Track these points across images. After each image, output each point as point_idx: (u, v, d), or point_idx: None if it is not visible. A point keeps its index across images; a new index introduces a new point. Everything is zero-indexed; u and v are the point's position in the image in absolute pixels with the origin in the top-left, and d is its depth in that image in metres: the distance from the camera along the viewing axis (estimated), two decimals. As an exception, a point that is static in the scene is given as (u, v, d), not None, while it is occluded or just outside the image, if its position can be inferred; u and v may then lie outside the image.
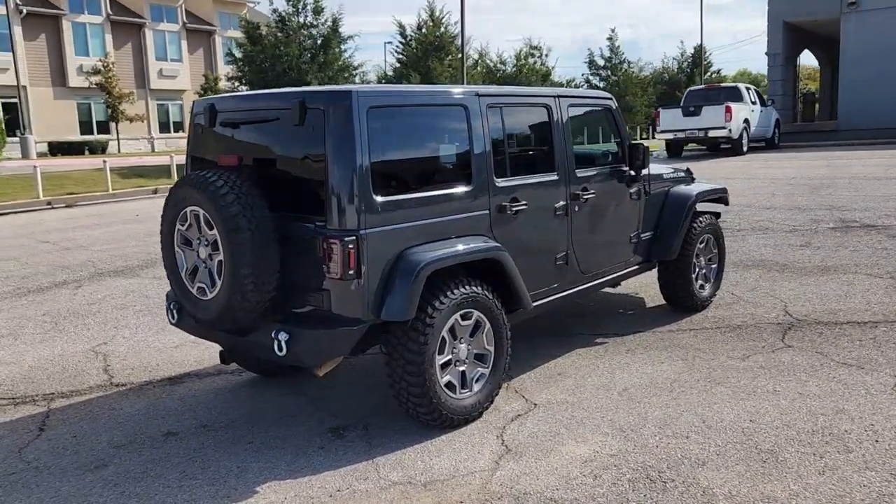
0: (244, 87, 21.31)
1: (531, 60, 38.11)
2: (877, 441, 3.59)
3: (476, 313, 4.01)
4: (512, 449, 3.69)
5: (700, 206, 6.30)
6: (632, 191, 5.36)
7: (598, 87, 44.53)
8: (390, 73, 28.89)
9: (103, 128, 40.67)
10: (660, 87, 45.93)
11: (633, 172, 5.31)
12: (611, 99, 5.32)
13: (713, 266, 6.26)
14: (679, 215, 5.73)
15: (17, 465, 3.76)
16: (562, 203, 4.67)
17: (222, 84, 27.58)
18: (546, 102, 4.65)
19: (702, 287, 6.11)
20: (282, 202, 3.75)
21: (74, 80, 39.35)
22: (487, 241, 4.09)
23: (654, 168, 5.86)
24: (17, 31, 36.76)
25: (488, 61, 36.37)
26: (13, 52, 30.21)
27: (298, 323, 3.64)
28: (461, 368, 4.03)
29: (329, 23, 20.74)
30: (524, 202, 4.36)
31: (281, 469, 3.58)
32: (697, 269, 6.06)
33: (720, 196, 6.35)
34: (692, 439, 3.71)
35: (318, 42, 21.08)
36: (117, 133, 37.96)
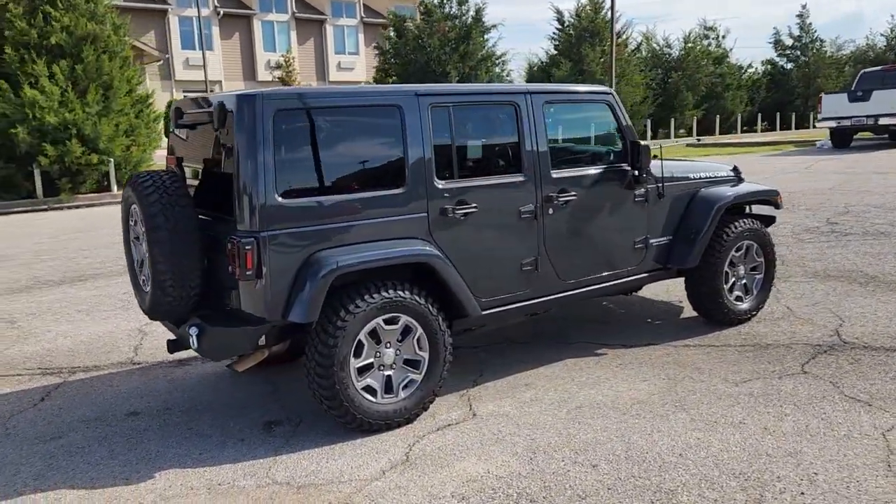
0: (391, 80, 22.05)
1: (705, 42, 35.83)
2: (801, 493, 3.10)
3: (404, 318, 3.94)
4: (411, 460, 3.60)
5: (754, 210, 5.75)
6: (636, 192, 4.96)
7: (783, 70, 41.04)
8: (545, 61, 28.45)
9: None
10: (860, 68, 41.37)
11: (636, 173, 4.91)
12: (609, 94, 4.93)
13: (757, 276, 5.64)
14: (702, 220, 5.22)
15: (22, 436, 4.24)
16: (530, 206, 4.43)
17: (355, 76, 28.55)
18: (512, 100, 4.41)
19: (738, 299, 5.53)
20: (211, 203, 3.91)
21: (262, 75, 42.58)
22: (422, 244, 4.00)
23: (680, 168, 5.38)
24: (215, 31, 40.49)
25: (654, 45, 34.74)
26: (202, 51, 33.27)
27: (210, 319, 3.79)
28: (387, 373, 3.98)
29: (472, 13, 20.89)
30: (474, 205, 4.19)
31: (192, 458, 3.76)
32: (733, 280, 5.49)
33: (767, 199, 5.70)
34: (598, 469, 3.41)
35: (461, 33, 21.26)
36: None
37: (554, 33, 29.42)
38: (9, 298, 7.77)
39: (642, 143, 4.79)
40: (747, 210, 5.87)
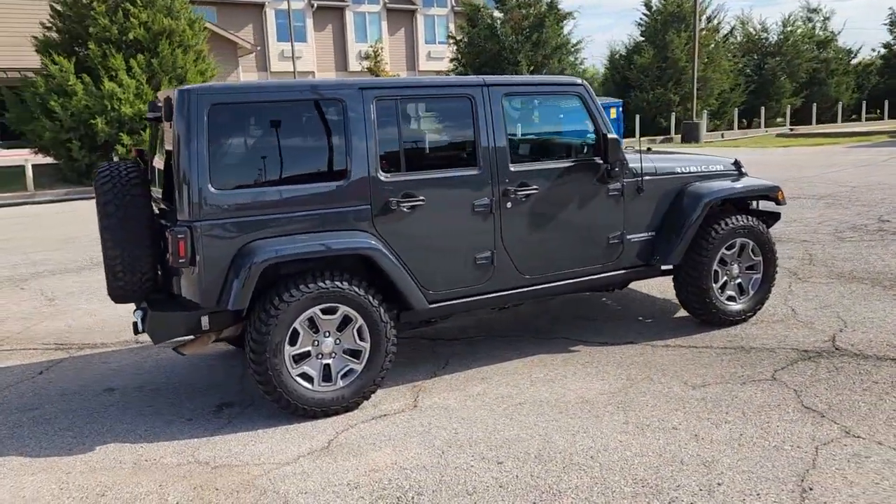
0: (463, 70, 22.09)
1: (808, 25, 33.75)
2: (691, 503, 2.97)
3: (343, 308, 4.02)
4: (330, 448, 3.69)
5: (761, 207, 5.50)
6: (610, 187, 4.82)
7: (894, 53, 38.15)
8: (629, 46, 27.57)
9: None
10: None
11: (609, 167, 4.78)
12: (580, 85, 4.80)
13: (754, 276, 5.37)
14: (686, 216, 5.02)
15: (8, 409, 4.63)
16: (485, 200, 4.40)
17: (444, 66, 28.57)
18: (467, 93, 4.38)
19: (731, 299, 5.29)
20: (167, 193, 4.11)
21: (353, 65, 43.46)
22: (362, 236, 4.06)
23: (666, 162, 5.19)
24: (309, 23, 41.66)
25: (750, 29, 32.97)
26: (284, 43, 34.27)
27: (155, 304, 3.99)
28: (326, 361, 4.07)
29: (547, 0, 20.45)
30: (421, 198, 4.21)
31: (136, 434, 3.98)
32: (725, 279, 5.26)
33: (766, 195, 5.41)
34: (502, 466, 3.39)
35: (534, 21, 20.95)
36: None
37: (641, 19, 28.57)
38: (60, 277, 8.37)
39: (612, 135, 4.65)
40: (754, 206, 5.60)
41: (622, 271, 5.01)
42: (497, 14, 21.11)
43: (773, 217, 5.60)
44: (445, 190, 4.32)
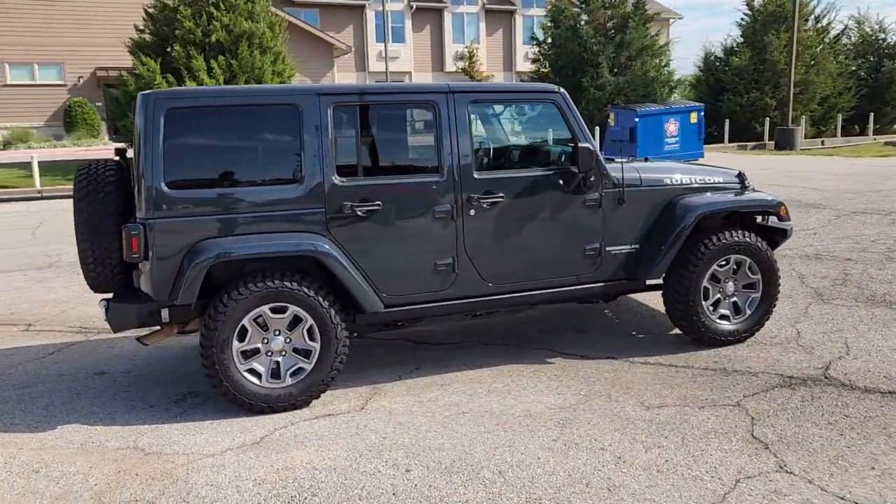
0: (546, 72, 21.78)
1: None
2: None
3: (292, 308, 4.12)
4: (260, 443, 3.79)
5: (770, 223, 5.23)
6: (587, 197, 4.70)
7: None
8: (725, 47, 26.35)
9: (471, 108, 44.67)
10: None
11: (594, 177, 4.66)
12: (557, 93, 4.69)
13: (752, 295, 5.09)
14: (670, 229, 4.82)
15: (3, 385, 5.02)
16: (446, 206, 4.39)
17: (527, 66, 28.21)
18: (431, 100, 4.38)
19: (724, 318, 5.04)
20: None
21: (450, 66, 43.82)
22: (313, 238, 4.14)
23: (654, 172, 5.01)
24: (408, 24, 42.34)
25: (867, 29, 30.74)
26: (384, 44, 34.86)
27: (118, 296, 4.22)
28: (276, 359, 4.19)
29: (632, 1, 19.84)
30: (378, 203, 4.25)
31: (97, 417, 4.23)
32: (717, 297, 5.02)
33: (765, 211, 5.12)
34: (408, 474, 3.39)
35: (618, 22, 20.37)
36: (477, 113, 41.42)
37: (742, 19, 27.33)
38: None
39: (584, 145, 4.52)
40: (762, 222, 5.32)
41: (601, 284, 4.87)
42: (580, 14, 20.72)
43: (781, 235, 5.29)
44: (404, 196, 4.34)
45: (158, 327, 4.31)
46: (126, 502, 3.23)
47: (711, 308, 5.02)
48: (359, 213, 4.22)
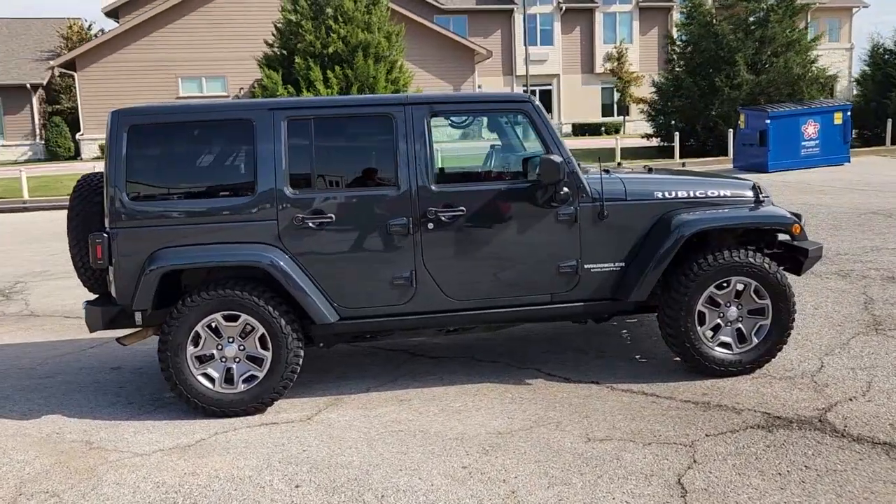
0: (679, 69, 20.51)
1: None
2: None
3: (244, 316, 4.25)
4: (191, 447, 3.93)
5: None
6: (560, 211, 4.45)
7: None
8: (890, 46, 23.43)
9: (624, 110, 43.47)
10: None
11: (566, 190, 4.41)
12: (527, 102, 4.45)
13: (760, 322, 4.58)
14: (656, 247, 4.45)
15: (33, 372, 5.56)
16: (402, 220, 4.33)
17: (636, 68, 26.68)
18: (387, 112, 4.33)
19: (724, 346, 4.58)
20: None
21: (600, 67, 42.84)
22: (265, 249, 4.23)
23: (643, 185, 4.65)
24: (557, 26, 41.87)
25: None
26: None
27: (97, 298, 4.55)
28: (229, 365, 4.33)
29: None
30: (330, 215, 4.28)
31: (81, 409, 4.56)
32: (717, 322, 4.57)
33: (776, 228, 4.58)
34: (296, 489, 3.38)
35: (760, 16, 18.76)
36: (624, 115, 40.24)
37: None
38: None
39: (548, 156, 4.27)
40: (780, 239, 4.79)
41: (580, 303, 4.58)
42: (715, 8, 19.38)
43: (804, 256, 4.70)
44: (357, 208, 4.33)
45: (135, 329, 4.59)
46: (39, 492, 3.48)
47: (709, 334, 4.57)
48: (311, 224, 4.27)
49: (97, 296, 4.68)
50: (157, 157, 4.32)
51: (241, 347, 4.32)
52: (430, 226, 4.35)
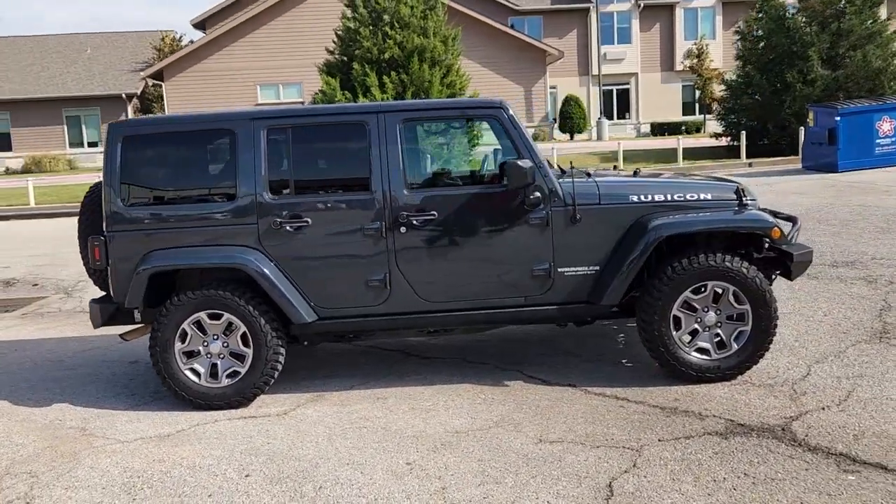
0: (750, 66, 19.65)
1: None
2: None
3: (227, 315, 4.51)
4: (170, 437, 4.21)
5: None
6: (532, 215, 4.50)
7: None
8: None
9: (705, 108, 42.23)
10: None
11: (537, 195, 4.47)
12: (498, 108, 4.51)
13: (740, 328, 4.50)
14: (629, 251, 4.44)
15: (61, 364, 6.02)
16: (376, 224, 4.48)
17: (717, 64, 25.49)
18: (360, 120, 4.49)
19: (702, 352, 4.52)
20: None
21: (679, 64, 41.75)
22: (246, 252, 4.48)
23: (619, 189, 4.63)
24: (635, 24, 41.06)
25: None
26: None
27: (99, 297, 4.91)
28: (214, 361, 4.59)
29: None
30: (307, 219, 4.48)
31: (86, 399, 4.92)
32: (694, 328, 4.52)
33: (755, 232, 4.48)
34: (244, 480, 3.59)
35: (836, 9, 17.76)
36: (705, 114, 39.07)
37: None
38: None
39: (518, 161, 4.32)
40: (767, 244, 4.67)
41: (554, 306, 4.62)
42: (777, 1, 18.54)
43: (790, 260, 4.57)
44: (333, 212, 4.52)
45: (136, 325, 4.93)
46: (23, 472, 3.83)
47: (685, 339, 4.52)
48: (288, 228, 4.48)
49: (104, 294, 5.05)
50: (148, 165, 4.64)
51: (225, 344, 4.58)
52: (403, 229, 4.49)
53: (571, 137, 33.41)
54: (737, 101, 20.18)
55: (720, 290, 4.47)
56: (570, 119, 33.50)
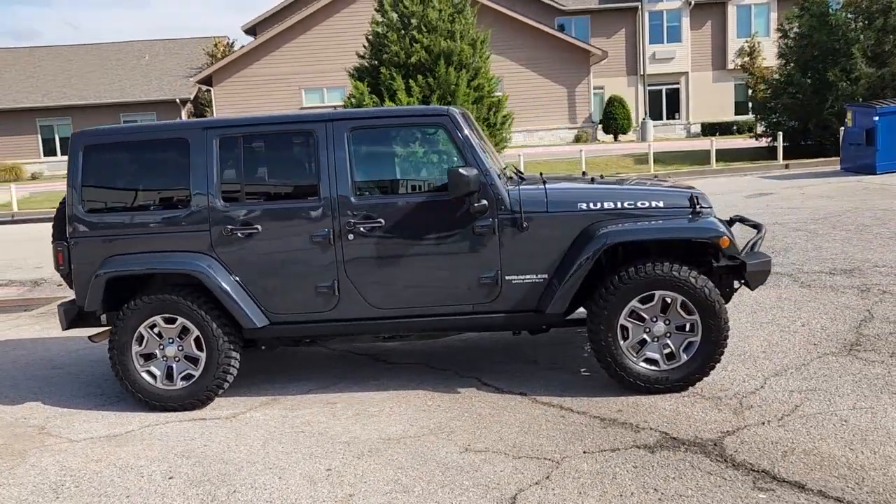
0: (791, 64, 18.96)
1: None
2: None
3: (181, 319, 4.64)
4: (118, 437, 4.35)
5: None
6: (478, 223, 4.49)
7: None
8: None
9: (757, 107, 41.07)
10: None
11: (483, 202, 4.46)
12: (445, 115, 4.50)
13: (690, 339, 4.40)
14: (574, 259, 4.39)
15: (51, 363, 6.27)
16: (324, 231, 4.54)
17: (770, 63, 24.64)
18: (309, 129, 4.56)
19: (651, 362, 4.44)
20: None
21: (732, 63, 40.71)
22: (198, 258, 4.59)
23: (566, 197, 4.58)
24: (685, 22, 40.21)
25: None
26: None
27: (68, 300, 5.09)
28: (170, 364, 4.73)
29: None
30: (257, 226, 4.57)
31: (60, 398, 5.11)
32: (643, 338, 4.44)
33: (703, 241, 4.37)
34: (167, 482, 3.69)
35: (882, 4, 16.96)
36: (756, 113, 37.96)
37: None
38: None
39: (460, 169, 4.31)
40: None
41: (502, 314, 4.60)
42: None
43: (744, 270, 4.45)
44: (282, 220, 4.60)
45: (104, 328, 5.10)
46: (-28, 469, 4.02)
47: (633, 349, 4.44)
48: (239, 235, 4.58)
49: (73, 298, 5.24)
50: (108, 173, 4.79)
51: (180, 348, 4.70)
52: (351, 237, 4.54)
53: (615, 139, 32.92)
54: (777, 100, 19.57)
55: (669, 300, 4.38)
56: (613, 120, 33.01)
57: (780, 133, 18.35)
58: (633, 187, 4.75)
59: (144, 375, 4.71)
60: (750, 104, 38.94)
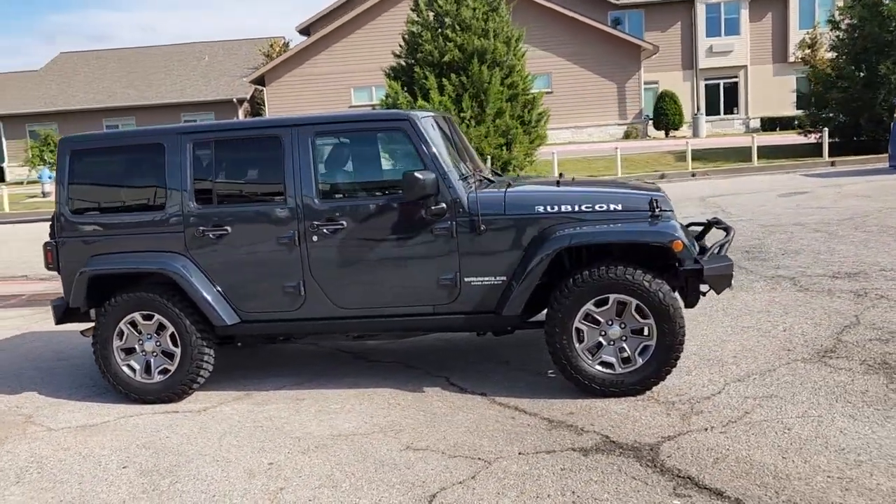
0: (842, 60, 18.19)
1: None
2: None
3: (157, 316, 4.87)
4: (92, 427, 4.60)
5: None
6: (437, 226, 4.56)
7: None
8: None
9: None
10: None
11: (441, 205, 4.54)
12: (405, 120, 4.58)
13: (645, 343, 4.38)
14: (528, 262, 4.43)
15: (58, 355, 6.63)
16: (290, 232, 4.70)
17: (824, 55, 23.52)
18: (275, 133, 4.71)
19: (606, 365, 4.44)
20: None
21: (792, 56, 39.39)
22: (172, 258, 4.81)
23: (523, 200, 4.61)
24: (744, 14, 39.11)
25: None
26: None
27: (57, 298, 5.39)
28: (148, 358, 4.96)
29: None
30: (227, 228, 4.75)
31: (55, 389, 5.42)
32: (599, 341, 4.45)
33: (655, 244, 4.33)
34: (120, 471, 3.90)
35: None
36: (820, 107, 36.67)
37: None
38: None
39: (416, 172, 4.39)
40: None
41: (461, 315, 4.67)
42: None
43: (701, 275, 4.39)
44: (250, 221, 4.77)
45: (93, 324, 5.38)
46: (-46, 453, 4.32)
47: (589, 353, 4.45)
48: (210, 236, 4.78)
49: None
50: (92, 177, 5.05)
51: (158, 343, 4.93)
52: (315, 238, 4.68)
53: (667, 134, 32.33)
54: (826, 94, 18.91)
55: (624, 304, 4.37)
56: (664, 115, 32.40)
57: (826, 129, 17.74)
58: (593, 190, 4.75)
59: (125, 369, 4.96)
60: (812, 98, 37.76)
